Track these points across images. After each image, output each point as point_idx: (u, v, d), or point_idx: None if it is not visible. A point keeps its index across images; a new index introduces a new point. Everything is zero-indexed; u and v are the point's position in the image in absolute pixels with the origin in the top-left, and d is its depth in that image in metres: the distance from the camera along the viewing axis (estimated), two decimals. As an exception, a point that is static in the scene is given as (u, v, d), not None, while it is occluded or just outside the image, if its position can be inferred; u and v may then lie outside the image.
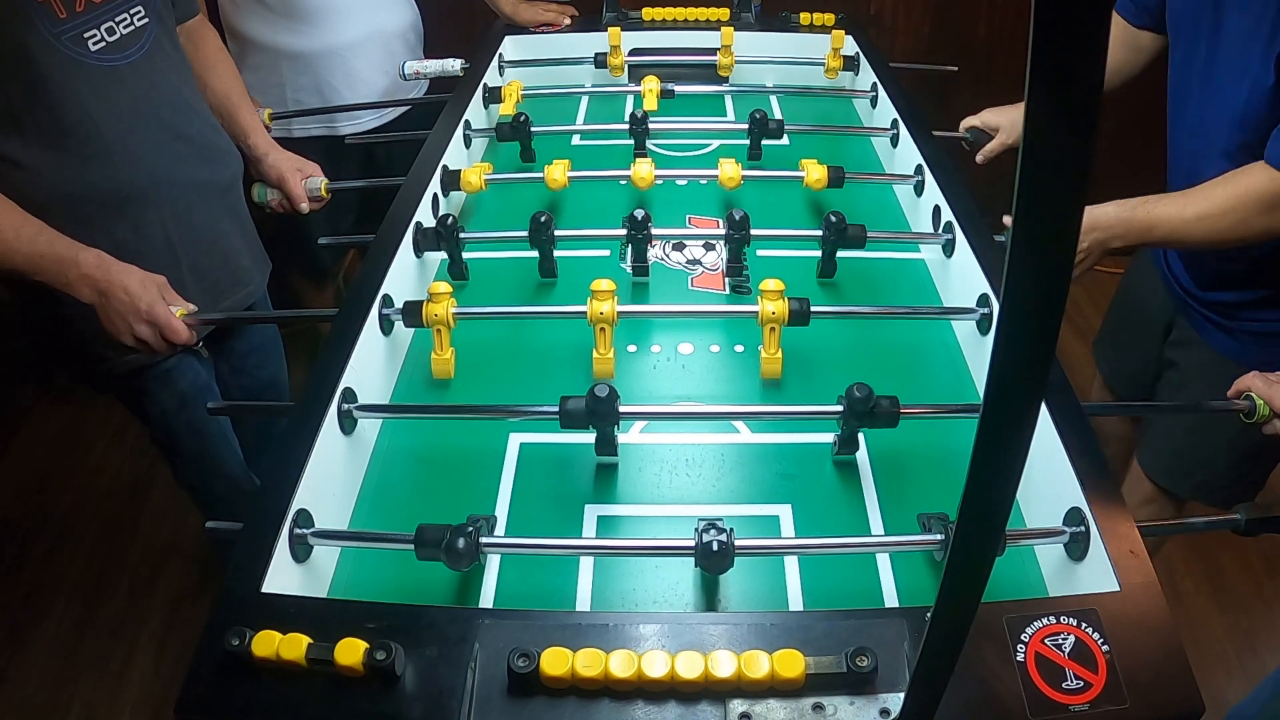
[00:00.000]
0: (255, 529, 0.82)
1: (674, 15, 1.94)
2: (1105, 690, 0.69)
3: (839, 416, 0.95)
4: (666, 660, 0.68)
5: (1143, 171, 1.64)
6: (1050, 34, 0.33)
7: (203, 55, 1.50)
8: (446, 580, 0.88)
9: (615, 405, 0.93)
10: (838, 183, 1.32)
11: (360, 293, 1.13)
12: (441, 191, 1.41)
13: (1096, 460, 0.88)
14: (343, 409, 0.97)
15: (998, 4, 2.57)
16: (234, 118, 1.51)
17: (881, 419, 0.94)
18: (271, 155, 1.52)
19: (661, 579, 0.88)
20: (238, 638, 0.69)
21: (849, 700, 0.68)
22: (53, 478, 2.34)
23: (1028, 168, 0.36)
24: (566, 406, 0.94)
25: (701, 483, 1.00)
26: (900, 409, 0.94)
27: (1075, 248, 0.39)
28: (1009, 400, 0.44)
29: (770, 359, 1.10)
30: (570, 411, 0.93)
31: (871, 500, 0.97)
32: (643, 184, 1.38)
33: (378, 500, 0.99)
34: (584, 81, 1.87)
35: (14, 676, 1.88)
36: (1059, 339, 0.42)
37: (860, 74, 1.81)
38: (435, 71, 1.80)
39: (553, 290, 1.30)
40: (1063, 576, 0.86)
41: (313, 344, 2.20)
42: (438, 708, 0.68)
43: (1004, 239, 1.02)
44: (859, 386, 0.93)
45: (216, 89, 1.50)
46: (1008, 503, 0.48)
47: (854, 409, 0.93)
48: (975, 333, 1.15)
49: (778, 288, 1.08)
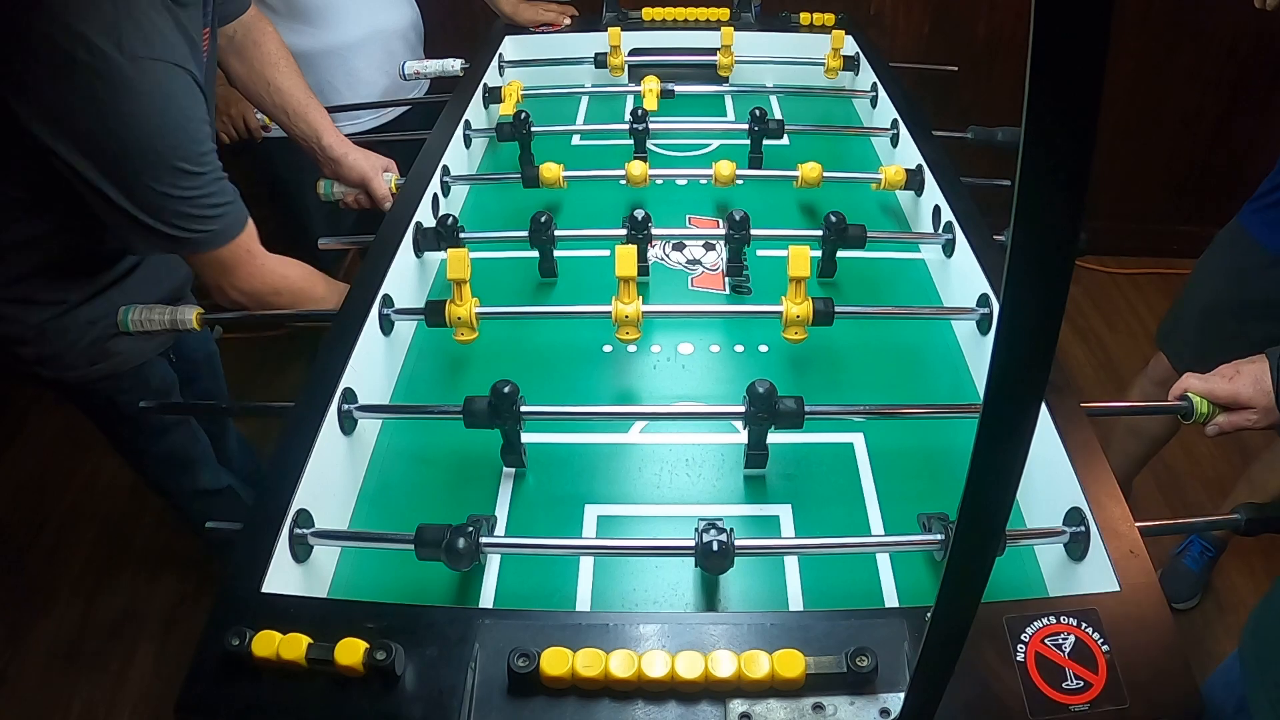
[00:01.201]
0: (255, 529, 0.82)
1: (674, 15, 1.94)
2: (1105, 690, 0.69)
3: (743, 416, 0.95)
4: (666, 660, 0.68)
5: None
6: (1050, 34, 0.33)
7: (264, 52, 1.46)
8: (446, 580, 0.88)
9: (517, 404, 0.94)
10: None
11: (360, 293, 1.13)
12: (442, 191, 1.42)
13: (1096, 460, 0.88)
14: (343, 409, 0.97)
15: (998, 4, 2.57)
16: (304, 116, 1.49)
17: (785, 418, 0.93)
18: (351, 155, 1.50)
19: (661, 579, 0.88)
20: (238, 638, 0.69)
21: (849, 700, 0.68)
22: (53, 478, 2.34)
23: (1028, 168, 0.36)
24: (471, 407, 0.94)
25: (701, 483, 1.00)
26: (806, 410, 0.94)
27: (1075, 248, 0.39)
28: (1009, 400, 0.44)
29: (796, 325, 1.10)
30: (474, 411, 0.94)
31: (871, 500, 0.97)
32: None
33: (378, 500, 0.99)
34: (584, 81, 1.87)
35: (14, 676, 1.88)
36: (1059, 339, 0.42)
37: (860, 74, 1.81)
38: (435, 71, 1.80)
39: (553, 290, 1.30)
40: (1063, 576, 0.86)
41: (312, 344, 2.20)
42: (438, 708, 0.68)
43: (1004, 239, 1.02)
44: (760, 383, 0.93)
45: (282, 86, 1.47)
46: (1008, 503, 0.48)
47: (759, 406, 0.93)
48: (975, 333, 1.15)
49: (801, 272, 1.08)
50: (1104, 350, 2.66)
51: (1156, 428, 1.90)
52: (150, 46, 1.06)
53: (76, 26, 1.01)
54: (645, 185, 1.39)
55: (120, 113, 1.04)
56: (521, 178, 1.42)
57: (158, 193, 1.10)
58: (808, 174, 1.38)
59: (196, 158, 1.11)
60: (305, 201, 1.73)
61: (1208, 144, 2.78)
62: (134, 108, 1.05)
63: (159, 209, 1.11)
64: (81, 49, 1.01)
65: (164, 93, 1.07)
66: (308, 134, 1.49)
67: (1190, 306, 1.69)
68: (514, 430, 0.96)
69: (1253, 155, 2.64)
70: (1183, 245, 2.87)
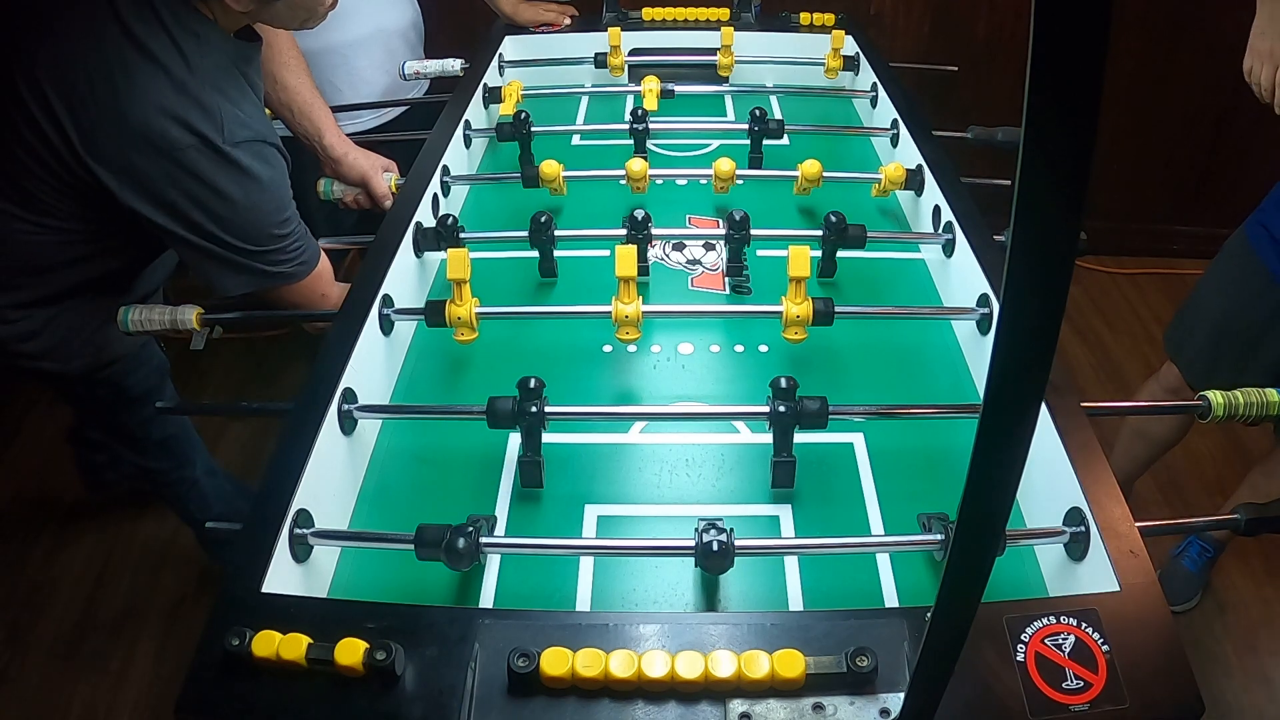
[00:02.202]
0: (255, 529, 0.82)
1: (674, 15, 1.94)
2: (1105, 690, 0.69)
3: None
4: (666, 660, 0.68)
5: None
6: (1050, 34, 0.33)
7: (275, 48, 1.47)
8: (446, 580, 0.88)
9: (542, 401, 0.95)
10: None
11: (360, 293, 1.12)
12: (442, 191, 1.42)
13: (1096, 460, 0.88)
14: (343, 409, 0.97)
15: (998, 4, 2.57)
16: (308, 116, 1.49)
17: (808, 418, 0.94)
18: (351, 154, 1.51)
19: (661, 579, 0.88)
20: (238, 638, 0.69)
21: (849, 700, 0.68)
22: (53, 478, 2.34)
23: (1028, 168, 0.36)
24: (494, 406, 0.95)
25: (701, 483, 1.00)
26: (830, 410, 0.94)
27: (1075, 248, 0.39)
28: (1009, 400, 0.44)
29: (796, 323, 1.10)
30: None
31: (871, 500, 0.97)
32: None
33: (378, 500, 0.99)
34: (584, 81, 1.87)
35: (14, 676, 1.88)
36: (1059, 339, 0.42)
37: (860, 74, 1.81)
38: (435, 71, 1.80)
39: (553, 290, 1.30)
40: (1063, 576, 0.86)
41: (312, 344, 2.20)
42: (438, 708, 0.68)
43: (1004, 239, 1.02)
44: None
45: (289, 84, 1.48)
46: (1008, 503, 0.48)
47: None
48: (975, 333, 1.15)
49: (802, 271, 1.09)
50: (1104, 350, 2.66)
51: (1164, 431, 1.89)
52: (246, 128, 1.15)
53: (181, 115, 1.09)
54: (645, 183, 1.39)
55: (221, 194, 1.14)
56: (521, 178, 1.42)
57: (250, 252, 1.21)
58: (808, 172, 1.38)
59: (283, 221, 1.23)
60: (305, 202, 1.73)
61: (1208, 144, 2.77)
62: (234, 189, 1.15)
63: (248, 266, 1.22)
64: (187, 135, 1.10)
65: (259, 172, 1.17)
66: (310, 133, 1.49)
67: (1200, 319, 1.67)
68: (537, 433, 0.96)
69: (1253, 155, 2.64)
70: (1183, 245, 2.88)
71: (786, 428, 0.94)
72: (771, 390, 0.94)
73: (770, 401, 0.94)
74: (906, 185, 1.40)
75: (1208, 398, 0.97)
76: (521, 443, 0.96)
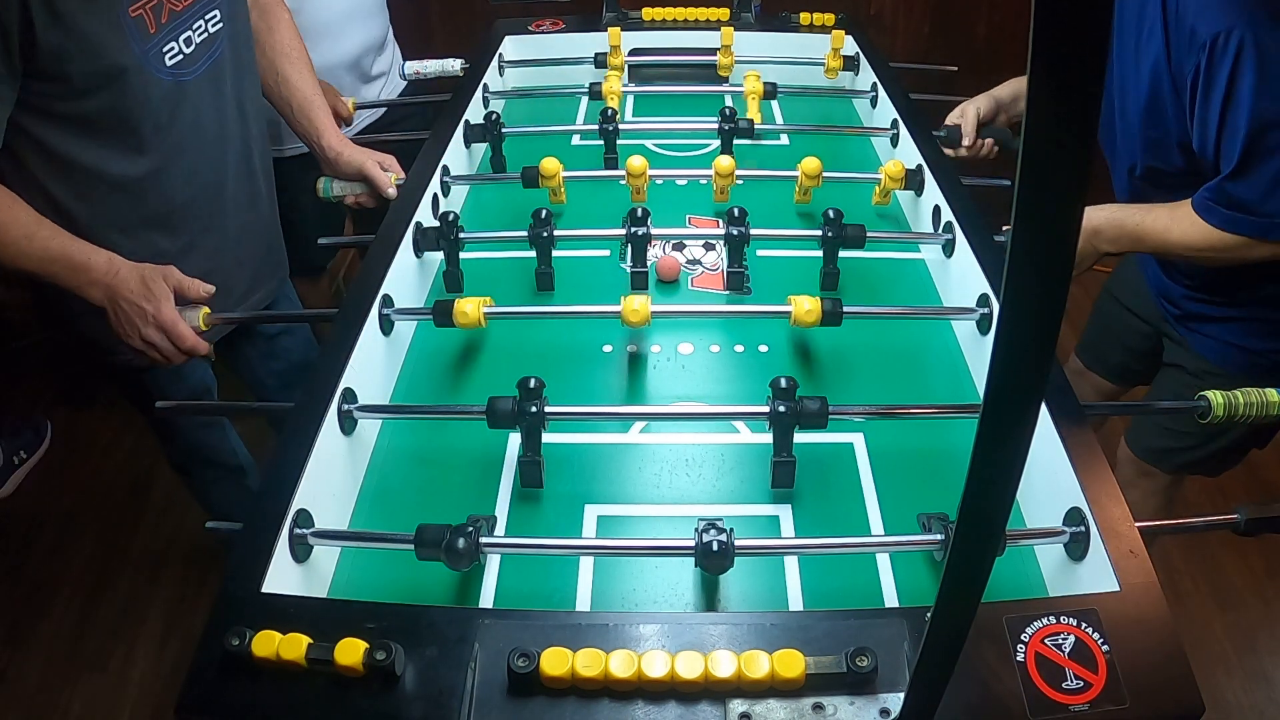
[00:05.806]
0: (255, 529, 0.82)
1: (674, 15, 1.94)
2: (1105, 690, 0.69)
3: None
4: (666, 660, 0.68)
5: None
6: (1050, 33, 0.33)
7: (278, 40, 1.46)
8: (446, 580, 0.88)
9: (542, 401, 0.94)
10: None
11: (360, 293, 1.13)
12: (442, 191, 1.42)
13: (1096, 460, 0.88)
14: (343, 409, 0.97)
15: (998, 4, 2.57)
16: (307, 114, 1.48)
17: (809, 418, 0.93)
18: (346, 152, 1.50)
19: (661, 579, 0.88)
20: (238, 638, 0.69)
21: (849, 700, 0.68)
22: (53, 478, 2.34)
23: (1028, 168, 0.36)
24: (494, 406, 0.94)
25: (701, 483, 1.00)
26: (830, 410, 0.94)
27: (1075, 248, 0.39)
28: (1009, 400, 0.44)
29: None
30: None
31: (871, 500, 0.97)
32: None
33: (378, 500, 0.99)
34: (584, 82, 1.87)
35: (14, 676, 1.88)
36: (1059, 339, 0.42)
37: (860, 74, 1.81)
38: (435, 72, 1.80)
39: (552, 291, 1.29)
40: (1063, 576, 0.86)
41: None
42: (438, 708, 0.68)
43: (1004, 239, 1.02)
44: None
45: (291, 78, 1.47)
46: (1008, 503, 0.48)
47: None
48: (975, 333, 1.15)
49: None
50: (1104, 350, 2.65)
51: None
52: None
53: None
54: (644, 181, 1.38)
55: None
56: (521, 178, 1.41)
57: None
58: (808, 169, 1.37)
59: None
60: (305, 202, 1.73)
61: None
62: None
63: None
64: None
65: None
66: (309, 130, 1.49)
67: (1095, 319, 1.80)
68: (537, 433, 0.95)
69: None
70: (1183, 245, 2.87)
71: (786, 428, 0.94)
72: (771, 390, 0.94)
73: (770, 401, 0.94)
74: (906, 185, 1.40)
75: (1208, 397, 0.97)
76: (521, 443, 0.96)
